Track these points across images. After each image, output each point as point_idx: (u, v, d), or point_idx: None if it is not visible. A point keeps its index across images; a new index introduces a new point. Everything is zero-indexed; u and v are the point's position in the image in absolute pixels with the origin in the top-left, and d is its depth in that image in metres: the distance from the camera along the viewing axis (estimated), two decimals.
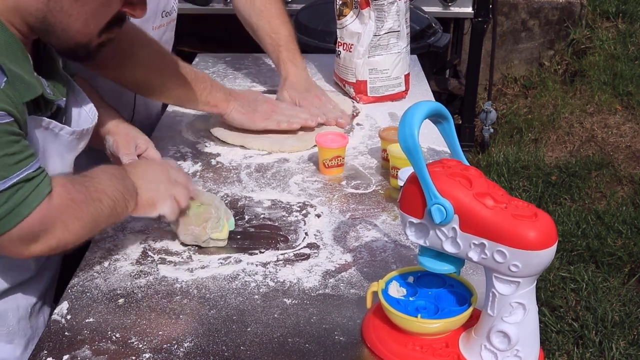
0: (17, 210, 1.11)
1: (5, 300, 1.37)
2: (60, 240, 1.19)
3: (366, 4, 2.02)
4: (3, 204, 1.09)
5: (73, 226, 1.20)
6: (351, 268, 1.36)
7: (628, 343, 2.54)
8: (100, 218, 1.24)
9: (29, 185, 1.12)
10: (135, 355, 1.13)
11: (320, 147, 1.69)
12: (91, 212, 1.23)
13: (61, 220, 1.18)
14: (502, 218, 0.97)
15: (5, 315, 1.38)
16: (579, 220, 3.27)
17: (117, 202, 1.27)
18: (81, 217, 1.21)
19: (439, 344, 1.10)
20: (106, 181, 1.28)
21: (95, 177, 1.28)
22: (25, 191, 1.12)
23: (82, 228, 1.22)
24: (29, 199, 1.12)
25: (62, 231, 1.18)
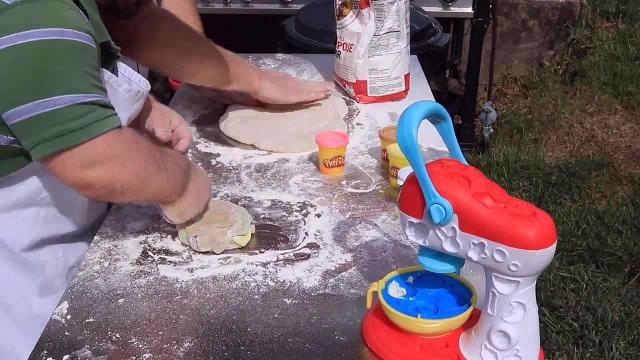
0: (87, 128, 1.16)
1: (46, 250, 1.42)
2: (113, 175, 1.21)
3: (366, 3, 2.02)
4: (78, 117, 1.15)
5: (130, 167, 1.23)
6: (351, 268, 1.36)
7: (628, 343, 2.54)
8: (150, 183, 1.28)
9: (103, 111, 1.18)
10: (135, 355, 1.13)
11: (320, 146, 1.69)
12: (148, 168, 1.27)
13: (122, 155, 1.22)
14: (502, 217, 0.97)
15: (44, 266, 1.42)
16: (579, 220, 3.27)
17: (168, 187, 1.32)
18: (139, 162, 1.25)
19: (439, 344, 1.10)
20: (171, 162, 1.34)
21: (163, 151, 1.36)
22: (99, 114, 1.17)
23: (136, 175, 1.25)
24: (102, 123, 1.17)
25: (119, 167, 1.21)
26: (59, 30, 1.13)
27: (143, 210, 1.54)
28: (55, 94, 1.13)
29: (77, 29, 1.16)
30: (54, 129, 1.14)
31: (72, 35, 1.15)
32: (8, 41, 1.11)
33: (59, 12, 1.15)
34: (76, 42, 1.15)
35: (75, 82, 1.15)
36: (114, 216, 1.53)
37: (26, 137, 1.17)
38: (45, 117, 1.14)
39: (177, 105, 2.12)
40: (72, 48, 1.15)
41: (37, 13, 1.13)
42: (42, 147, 1.16)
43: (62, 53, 1.14)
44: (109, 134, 1.19)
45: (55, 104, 1.13)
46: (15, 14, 1.12)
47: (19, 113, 1.14)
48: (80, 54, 1.16)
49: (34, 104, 1.13)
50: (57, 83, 1.14)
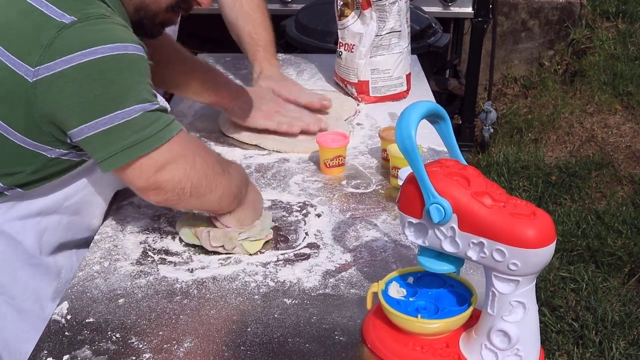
0: (160, 133, 1.22)
1: (63, 255, 1.47)
2: (184, 174, 1.26)
3: (368, 4, 2.02)
4: (150, 124, 1.21)
5: (199, 166, 1.28)
6: (351, 268, 1.36)
7: (628, 343, 2.54)
8: (216, 185, 1.32)
9: (168, 116, 1.25)
10: (135, 355, 1.13)
11: (321, 146, 1.70)
12: (216, 170, 1.32)
13: (193, 154, 1.28)
14: (501, 217, 0.97)
15: (60, 271, 1.46)
16: (579, 220, 3.27)
17: (231, 193, 1.35)
18: (208, 163, 1.31)
19: (439, 344, 1.10)
20: (234, 170, 1.40)
21: (231, 162, 1.44)
22: (166, 119, 1.24)
23: (205, 175, 1.30)
24: (171, 126, 1.24)
25: (190, 165, 1.27)
26: (122, 45, 1.19)
27: (143, 210, 1.54)
28: (127, 106, 1.18)
29: (135, 42, 1.22)
30: (130, 138, 1.20)
31: (133, 49, 1.20)
32: (75, 59, 1.15)
33: (116, 29, 1.22)
34: (137, 55, 1.21)
35: (143, 92, 1.21)
36: (114, 216, 1.53)
37: (99, 150, 1.22)
38: (120, 128, 1.19)
39: (177, 105, 2.12)
40: (134, 61, 1.21)
41: (96, 31, 1.19)
42: (118, 156, 1.20)
43: (129, 66, 1.20)
44: (179, 135, 1.25)
45: (130, 114, 1.19)
46: (76, 33, 1.17)
47: (92, 127, 1.19)
48: (143, 65, 1.23)
49: (110, 117, 1.18)
50: (129, 94, 1.19)
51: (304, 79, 2.36)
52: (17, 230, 1.39)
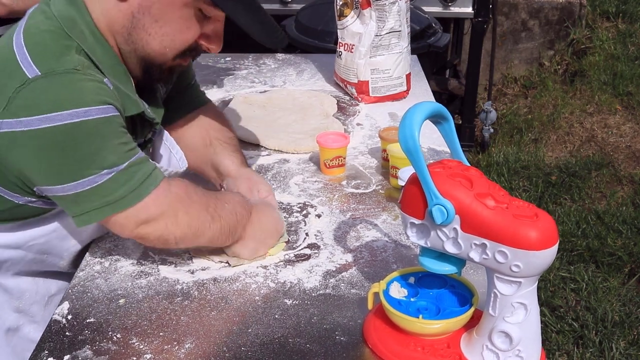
0: (135, 192, 1.19)
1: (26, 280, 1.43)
2: (166, 228, 1.23)
3: (367, 4, 2.02)
4: (122, 185, 1.17)
5: (182, 220, 1.25)
6: (352, 268, 1.36)
7: (628, 343, 2.54)
8: (203, 233, 1.28)
9: (145, 169, 1.20)
10: (136, 356, 1.13)
11: (321, 147, 1.69)
12: (200, 219, 1.28)
13: (174, 209, 1.24)
14: (503, 218, 0.97)
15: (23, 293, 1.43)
16: (579, 220, 3.27)
17: (222, 235, 1.31)
18: (192, 214, 1.26)
19: (440, 344, 1.10)
20: (227, 209, 1.33)
21: (221, 199, 1.35)
22: (143, 174, 1.20)
23: (189, 226, 1.26)
24: (147, 182, 1.20)
25: (171, 220, 1.23)
26: (83, 111, 1.13)
27: None
28: (92, 174, 1.15)
29: (100, 103, 1.15)
30: (101, 199, 1.17)
31: (96, 112, 1.14)
32: (35, 123, 1.11)
33: (81, 88, 1.14)
34: (101, 118, 1.15)
35: (110, 157, 1.16)
36: None
37: (70, 208, 1.20)
38: (87, 193, 1.16)
39: None
40: (97, 126, 1.15)
41: (57, 93, 1.12)
42: (90, 215, 1.18)
43: (90, 134, 1.14)
44: (158, 189, 1.21)
45: (95, 181, 1.16)
46: (35, 92, 1.12)
47: (58, 190, 1.17)
48: (107, 129, 1.17)
49: (73, 184, 1.16)
50: (90, 163, 1.15)
51: (304, 79, 2.36)
52: None
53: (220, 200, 1.34)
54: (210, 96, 2.18)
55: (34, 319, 1.44)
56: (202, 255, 1.38)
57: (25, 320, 1.43)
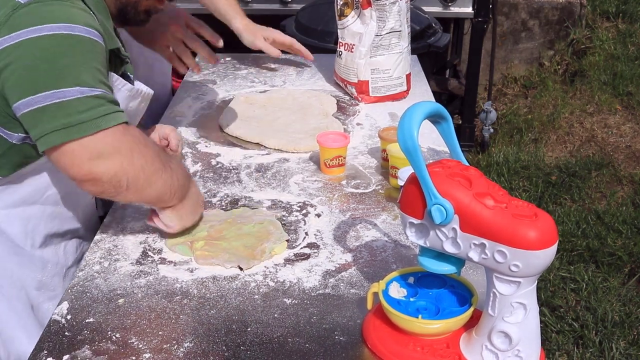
0: (96, 121, 1.19)
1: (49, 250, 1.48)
2: (121, 167, 1.23)
3: (368, 4, 2.02)
4: (87, 110, 1.18)
5: (137, 160, 1.25)
6: (351, 268, 1.36)
7: (628, 343, 2.54)
8: (154, 180, 1.29)
9: (110, 106, 1.22)
10: (135, 356, 1.13)
11: (321, 147, 1.69)
12: (154, 165, 1.29)
13: (130, 149, 1.24)
14: (503, 218, 0.97)
15: (46, 265, 1.47)
16: (579, 220, 3.27)
17: (172, 188, 1.33)
18: (146, 157, 1.27)
19: (439, 344, 1.10)
20: (176, 166, 1.37)
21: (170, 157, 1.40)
22: (107, 108, 1.21)
23: (142, 170, 1.26)
24: (110, 117, 1.21)
25: (127, 159, 1.23)
26: (68, 26, 1.18)
27: (143, 210, 1.54)
28: (64, 86, 1.17)
29: (86, 25, 1.20)
30: (63, 119, 1.17)
31: (80, 30, 1.19)
32: (21, 35, 1.16)
33: (69, 11, 1.20)
34: (84, 37, 1.20)
35: (84, 75, 1.19)
36: (113, 217, 1.53)
37: (34, 127, 1.20)
38: (54, 107, 1.17)
39: (178, 104, 2.12)
40: (80, 42, 1.19)
41: (47, 11, 1.18)
42: (50, 137, 1.18)
43: (71, 46, 1.18)
44: (117, 127, 1.22)
45: (64, 95, 1.17)
46: (27, 12, 1.18)
47: (28, 103, 1.18)
48: (88, 48, 1.21)
49: (44, 95, 1.16)
50: (66, 75, 1.17)
51: (304, 79, 2.36)
52: (2, 219, 1.40)
53: (169, 155, 1.39)
54: (210, 96, 2.20)
55: (54, 293, 1.48)
56: (207, 260, 1.37)
57: (44, 297, 1.48)
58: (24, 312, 1.45)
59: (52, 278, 1.49)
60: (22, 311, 1.45)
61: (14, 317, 1.44)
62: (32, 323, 1.46)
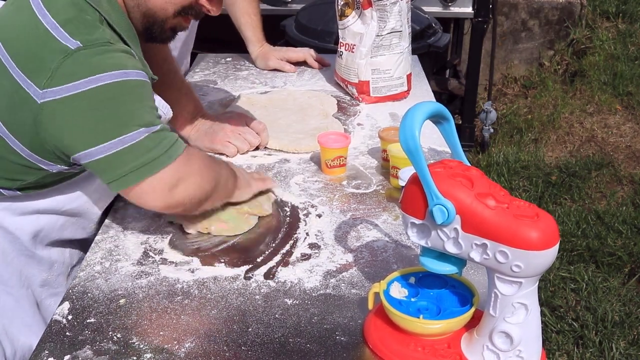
0: (168, 153, 1.26)
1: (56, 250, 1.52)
2: (197, 187, 1.33)
3: (368, 4, 2.02)
4: (156, 146, 1.25)
5: (207, 174, 1.36)
6: (352, 268, 1.36)
7: (628, 343, 2.54)
8: (221, 179, 1.41)
9: (172, 135, 1.29)
10: (136, 356, 1.13)
11: (322, 147, 1.69)
12: (216, 170, 1.41)
13: (198, 167, 1.34)
14: (504, 218, 0.97)
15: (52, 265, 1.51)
16: (579, 220, 3.27)
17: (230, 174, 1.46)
18: (212, 168, 1.39)
19: (440, 344, 1.10)
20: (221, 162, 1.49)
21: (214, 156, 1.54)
22: (171, 139, 1.28)
23: (213, 179, 1.38)
24: (176, 145, 1.28)
25: (199, 178, 1.33)
26: (124, 72, 1.21)
27: (144, 211, 1.54)
28: (133, 130, 1.21)
29: (136, 68, 1.24)
30: (138, 160, 1.23)
31: (134, 75, 1.23)
32: (79, 86, 1.18)
33: (118, 57, 1.24)
34: (139, 80, 1.24)
35: (147, 116, 1.24)
36: (114, 217, 1.53)
37: (107, 172, 1.25)
38: (127, 151, 1.22)
39: None
40: (138, 86, 1.24)
41: (101, 59, 1.21)
42: (127, 178, 1.24)
43: (131, 92, 1.23)
44: (184, 153, 1.29)
45: (134, 138, 1.22)
46: (80, 60, 1.19)
47: (96, 152, 1.22)
48: (143, 91, 1.26)
49: (114, 142, 1.21)
50: (132, 119, 1.22)
51: (304, 79, 2.36)
52: (15, 226, 1.43)
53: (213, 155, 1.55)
54: (211, 97, 2.20)
55: (57, 291, 1.52)
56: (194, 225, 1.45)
57: (47, 294, 1.51)
58: (30, 309, 1.48)
59: (57, 277, 1.52)
60: (29, 309, 1.47)
61: (21, 314, 1.47)
62: (38, 320, 1.49)
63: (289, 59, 2.43)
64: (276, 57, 2.42)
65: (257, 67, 2.45)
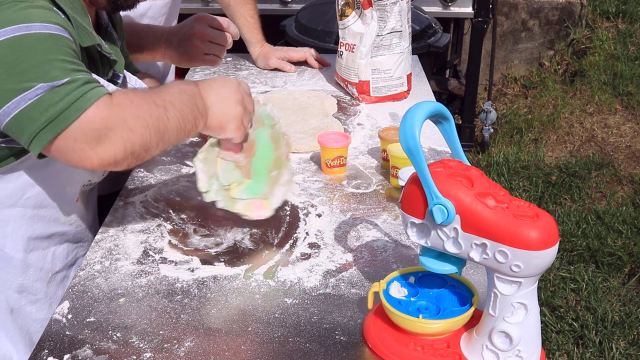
0: (76, 104, 1.14)
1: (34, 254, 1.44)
2: (125, 140, 1.17)
3: (369, 4, 2.02)
4: (61, 99, 1.13)
5: (134, 124, 1.18)
6: (352, 268, 1.36)
7: (628, 343, 2.54)
8: (165, 126, 1.21)
9: (85, 86, 1.16)
10: (136, 355, 1.13)
11: (322, 147, 1.69)
12: (153, 115, 1.20)
13: (122, 117, 1.17)
14: (504, 218, 0.97)
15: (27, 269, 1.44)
16: (579, 220, 3.27)
17: (185, 117, 1.24)
18: (142, 115, 1.19)
19: (440, 344, 1.10)
20: (175, 94, 1.26)
21: (162, 90, 1.28)
22: (83, 89, 1.15)
23: (146, 127, 1.19)
24: (88, 95, 1.15)
25: (124, 130, 1.16)
26: (25, 26, 1.15)
27: (143, 210, 1.54)
28: (30, 87, 1.13)
29: (44, 21, 1.17)
30: (43, 116, 1.13)
31: (39, 28, 1.16)
32: None
33: (26, 12, 1.16)
34: (44, 33, 1.16)
35: (52, 71, 1.15)
36: (114, 216, 1.53)
37: (21, 135, 1.17)
38: (30, 108, 1.13)
39: None
40: (40, 40, 1.16)
41: (4, 15, 1.15)
42: (38, 138, 1.15)
43: (31, 46, 1.15)
44: (99, 103, 1.16)
45: (34, 94, 1.13)
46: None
47: (5, 113, 1.15)
48: (50, 44, 1.17)
49: (16, 100, 1.13)
50: (32, 75, 1.14)
51: (304, 79, 2.36)
52: None
53: (163, 89, 1.29)
54: None
55: (36, 297, 1.45)
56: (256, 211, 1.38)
57: (26, 301, 1.44)
58: (2, 314, 1.42)
59: (34, 282, 1.45)
60: (1, 314, 1.42)
61: None
62: (15, 327, 1.43)
63: (289, 59, 2.44)
64: (277, 56, 2.42)
65: (258, 67, 2.46)
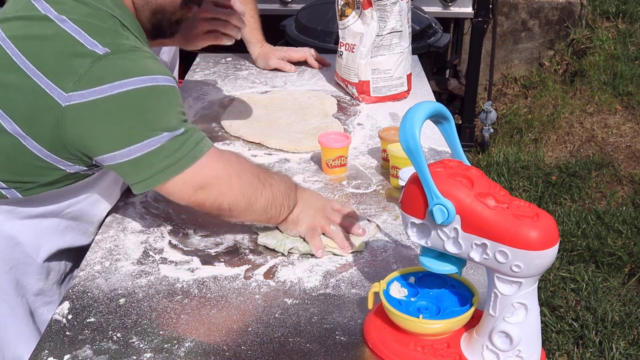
0: (192, 152, 1.26)
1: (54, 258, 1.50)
2: (222, 193, 1.31)
3: (369, 4, 2.02)
4: (180, 147, 1.25)
5: (235, 184, 1.32)
6: (352, 268, 1.36)
7: (628, 343, 2.54)
8: (256, 199, 1.35)
9: (197, 135, 1.28)
10: (136, 355, 1.13)
11: (323, 147, 1.69)
12: (253, 184, 1.35)
13: (227, 172, 1.32)
14: (504, 218, 0.97)
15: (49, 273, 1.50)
16: (579, 220, 3.27)
17: (275, 202, 1.38)
18: (244, 178, 1.34)
19: (440, 344, 1.10)
20: (275, 178, 1.41)
21: (267, 170, 1.47)
22: (196, 139, 1.28)
23: (241, 190, 1.33)
24: (201, 145, 1.28)
25: (226, 184, 1.31)
26: (152, 78, 1.23)
27: (144, 210, 1.54)
28: (156, 135, 1.22)
29: (164, 73, 1.25)
30: (163, 162, 1.24)
31: (162, 80, 1.24)
32: (107, 90, 1.19)
33: (147, 62, 1.25)
34: (167, 86, 1.25)
35: (172, 121, 1.25)
36: (114, 217, 1.53)
37: (132, 174, 1.26)
38: (151, 153, 1.23)
39: None
40: (165, 91, 1.25)
41: (129, 64, 1.23)
42: (152, 180, 1.26)
43: (158, 97, 1.24)
44: (211, 153, 1.29)
45: (158, 142, 1.23)
46: (109, 64, 1.20)
47: (123, 155, 1.23)
48: (171, 96, 1.26)
49: (137, 146, 1.22)
50: (156, 125, 1.23)
51: (304, 79, 2.36)
52: (17, 230, 1.41)
53: (268, 171, 1.45)
54: (211, 96, 2.20)
55: (50, 299, 1.51)
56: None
57: (41, 302, 1.50)
58: (24, 318, 1.47)
59: (52, 285, 1.51)
60: (23, 317, 1.46)
61: (14, 323, 1.46)
62: (31, 329, 1.47)
63: (289, 59, 2.44)
64: (277, 56, 2.42)
65: (258, 67, 2.46)
